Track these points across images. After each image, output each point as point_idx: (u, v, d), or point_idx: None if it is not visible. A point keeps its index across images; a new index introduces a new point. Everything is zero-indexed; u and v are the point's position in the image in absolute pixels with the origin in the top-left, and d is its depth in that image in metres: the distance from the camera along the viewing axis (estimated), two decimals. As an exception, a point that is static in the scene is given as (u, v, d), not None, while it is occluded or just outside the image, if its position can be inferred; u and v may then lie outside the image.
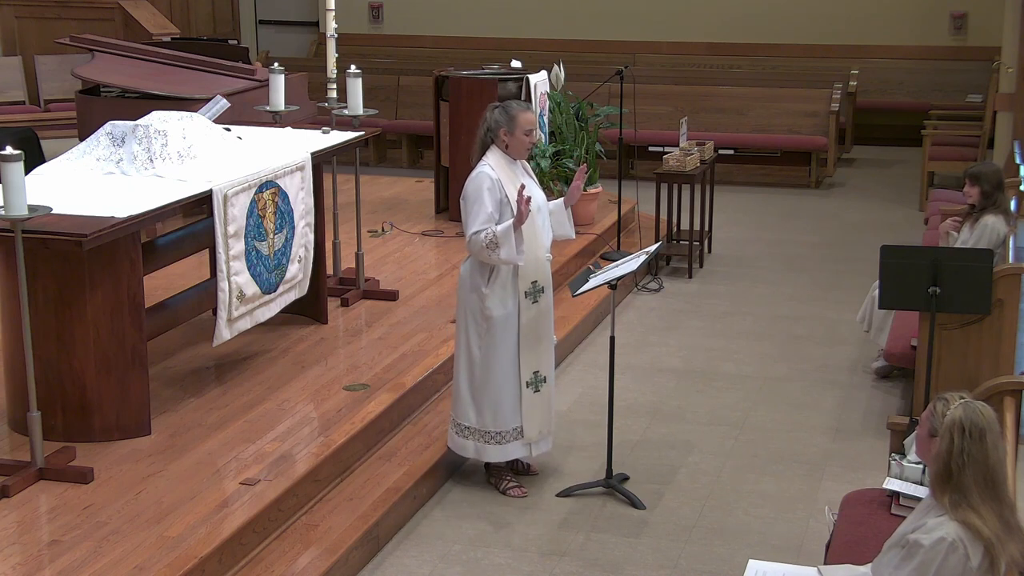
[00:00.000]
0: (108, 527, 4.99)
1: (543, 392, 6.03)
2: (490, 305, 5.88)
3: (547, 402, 6.07)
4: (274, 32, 16.88)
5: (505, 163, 5.89)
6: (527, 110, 5.92)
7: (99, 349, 5.70)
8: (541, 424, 6.06)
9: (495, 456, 6.03)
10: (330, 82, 7.97)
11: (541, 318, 5.99)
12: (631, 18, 15.35)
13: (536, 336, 5.98)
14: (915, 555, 3.69)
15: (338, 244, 8.19)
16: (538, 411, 6.02)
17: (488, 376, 5.95)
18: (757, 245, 10.75)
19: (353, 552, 5.31)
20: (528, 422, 5.99)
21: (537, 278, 5.93)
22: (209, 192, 6.00)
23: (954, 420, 3.68)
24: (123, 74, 9.51)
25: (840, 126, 13.50)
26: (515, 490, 6.10)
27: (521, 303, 5.91)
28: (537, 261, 5.93)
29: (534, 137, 5.92)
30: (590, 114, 10.28)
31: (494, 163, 5.86)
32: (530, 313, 5.94)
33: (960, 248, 7.00)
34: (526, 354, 5.95)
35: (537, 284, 5.94)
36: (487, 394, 5.95)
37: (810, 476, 6.35)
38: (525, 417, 5.98)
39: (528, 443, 6.03)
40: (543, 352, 6.03)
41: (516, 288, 5.89)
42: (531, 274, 5.91)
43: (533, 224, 5.87)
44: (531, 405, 5.99)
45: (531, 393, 5.98)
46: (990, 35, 13.81)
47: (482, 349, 5.93)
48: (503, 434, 5.98)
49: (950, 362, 6.56)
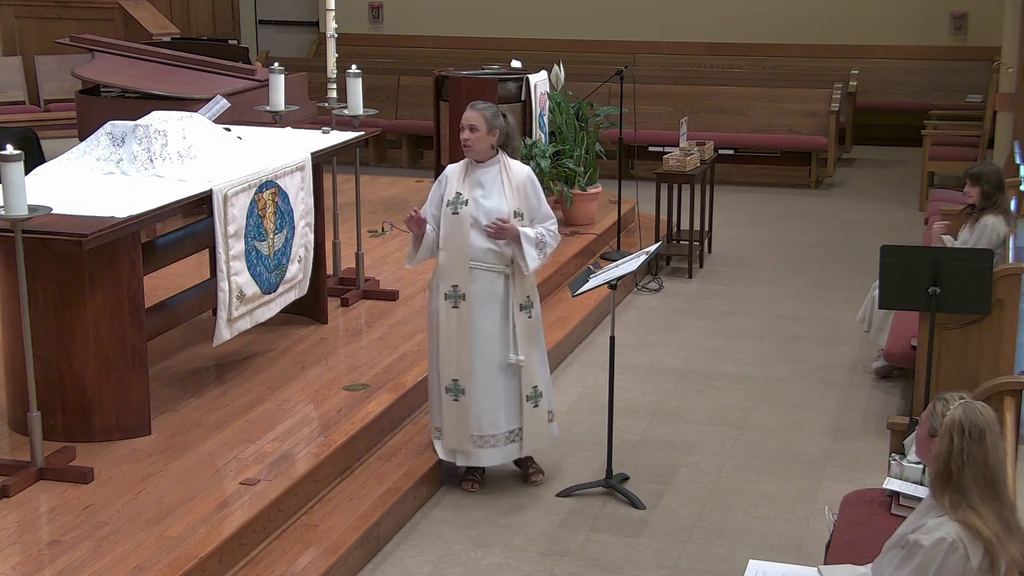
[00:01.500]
0: (108, 527, 4.99)
1: (461, 403, 5.91)
2: (429, 298, 6.02)
3: (463, 415, 5.91)
4: (274, 32, 16.88)
5: (468, 163, 5.94)
6: (470, 107, 5.95)
7: (99, 349, 5.70)
8: (458, 435, 5.95)
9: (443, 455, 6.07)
10: (330, 82, 7.97)
11: (462, 326, 5.86)
12: (631, 18, 15.35)
13: (456, 343, 5.87)
14: (915, 555, 3.69)
15: (338, 244, 8.19)
16: (454, 420, 5.95)
17: (430, 372, 6.07)
18: (757, 245, 10.75)
19: (353, 552, 5.31)
20: (446, 428, 5.99)
21: (457, 283, 5.83)
22: (209, 192, 6.00)
23: (954, 420, 3.68)
24: (123, 74, 9.51)
25: (840, 126, 13.50)
26: (466, 483, 6.12)
27: (440, 305, 5.89)
28: (458, 265, 5.83)
29: (464, 135, 5.89)
30: (590, 114, 10.28)
31: (461, 162, 5.96)
32: (448, 317, 5.87)
33: (960, 248, 7.00)
34: (444, 358, 5.92)
35: (458, 289, 5.83)
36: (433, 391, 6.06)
37: (810, 476, 6.35)
38: (444, 421, 5.99)
39: (448, 449, 6.00)
40: (463, 362, 5.87)
41: (438, 288, 5.91)
42: (451, 277, 5.85)
43: (457, 228, 5.82)
44: (449, 411, 5.96)
45: (450, 399, 5.95)
46: (990, 35, 13.81)
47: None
48: (434, 429, 6.07)
49: (950, 362, 6.56)
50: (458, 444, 5.97)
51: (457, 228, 5.83)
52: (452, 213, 5.83)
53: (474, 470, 6.15)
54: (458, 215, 5.81)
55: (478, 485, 6.12)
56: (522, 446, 6.05)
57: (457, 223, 5.82)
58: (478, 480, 6.14)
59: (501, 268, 5.86)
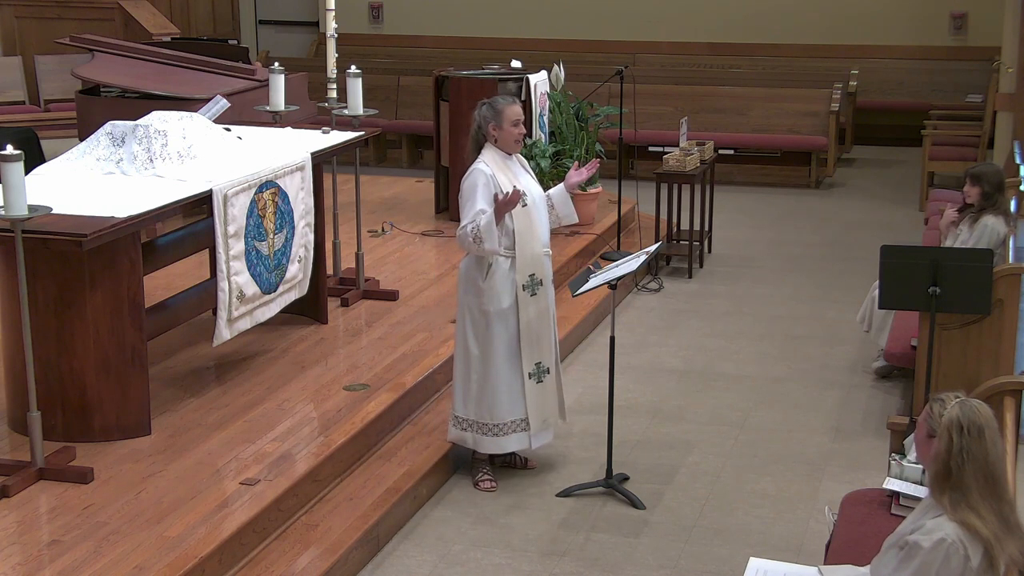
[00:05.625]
0: (108, 527, 4.99)
1: (546, 383, 6.12)
2: (487, 300, 5.96)
3: (551, 392, 6.17)
4: (274, 32, 16.88)
5: (500, 158, 5.97)
6: (513, 103, 5.99)
7: (99, 349, 5.70)
8: (546, 413, 6.15)
9: (492, 448, 6.10)
10: (330, 82, 7.97)
11: (541, 311, 6.06)
12: (631, 18, 15.35)
13: (537, 329, 6.05)
14: (915, 556, 3.68)
15: (338, 244, 8.19)
16: (541, 401, 6.12)
17: (487, 370, 6.01)
18: (757, 245, 10.75)
19: (353, 552, 5.31)
20: (533, 412, 6.08)
21: (535, 271, 6.01)
22: (209, 192, 6.01)
23: (952, 419, 3.68)
24: (123, 74, 9.51)
25: (840, 126, 13.49)
26: (486, 483, 6.15)
27: (519, 296, 5.97)
28: (534, 255, 6.00)
29: (522, 128, 5.98)
30: (590, 114, 10.28)
31: (488, 159, 5.95)
32: (529, 306, 6.00)
33: (960, 248, 7.00)
34: (527, 347, 6.02)
35: (535, 277, 6.01)
36: (486, 388, 6.02)
37: (810, 476, 6.35)
38: (530, 408, 6.07)
39: (528, 435, 6.09)
40: (544, 344, 6.09)
41: (514, 282, 5.96)
42: (528, 267, 5.98)
43: (529, 219, 5.96)
44: (535, 396, 6.08)
45: (534, 384, 6.07)
46: (990, 35, 13.80)
47: (480, 344, 6.00)
48: (500, 427, 6.04)
49: (950, 362, 6.56)
50: (544, 423, 6.14)
51: (528, 220, 5.98)
52: (522, 207, 5.94)
53: (490, 469, 6.18)
54: (527, 207, 5.96)
55: (495, 484, 6.15)
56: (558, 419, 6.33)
57: (527, 215, 5.97)
58: (495, 479, 6.18)
59: (549, 249, 6.14)
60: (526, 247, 5.96)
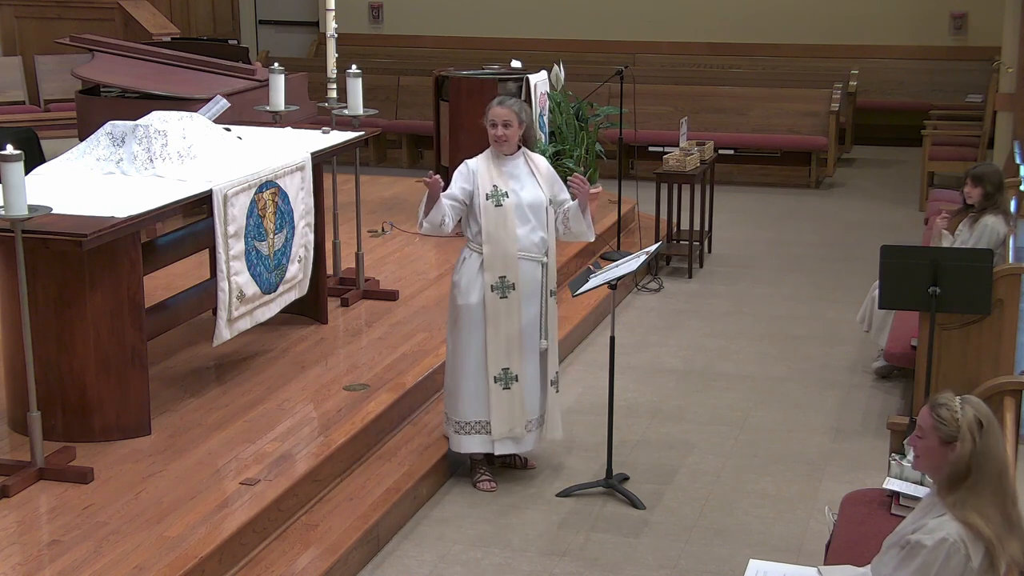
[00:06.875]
0: (108, 527, 4.99)
1: (513, 390, 6.00)
2: (456, 294, 6.00)
3: (518, 401, 6.02)
4: (274, 32, 16.88)
5: (493, 156, 5.98)
6: (498, 104, 5.97)
7: (99, 349, 5.69)
8: (510, 422, 6.03)
9: (454, 446, 6.10)
10: (330, 82, 7.97)
11: (511, 315, 5.95)
12: (631, 18, 15.35)
13: (505, 332, 5.96)
14: (917, 556, 3.68)
15: (338, 244, 8.19)
16: (506, 408, 6.01)
17: (456, 365, 6.04)
18: (757, 245, 10.75)
19: (353, 552, 5.31)
20: (495, 418, 6.00)
21: (506, 274, 5.93)
22: (209, 192, 6.00)
23: (971, 420, 3.66)
24: (123, 74, 9.51)
25: (840, 126, 13.49)
26: (485, 483, 6.14)
27: (487, 296, 5.93)
28: (506, 256, 5.91)
29: (500, 131, 5.91)
30: (590, 114, 10.27)
31: (483, 156, 5.99)
32: (497, 307, 5.93)
33: (960, 248, 7.00)
34: (493, 349, 5.95)
35: (506, 280, 5.93)
36: (455, 383, 6.05)
37: (810, 476, 6.35)
38: (492, 413, 6.00)
39: (491, 439, 6.04)
40: (513, 350, 5.98)
41: (482, 280, 5.93)
42: (499, 268, 5.92)
43: (503, 219, 5.90)
44: (498, 401, 6.00)
45: (499, 389, 5.99)
46: (990, 35, 13.79)
47: (452, 337, 6.06)
48: (462, 425, 6.05)
49: (950, 362, 6.56)
50: (510, 432, 6.03)
51: (502, 220, 5.91)
52: (495, 206, 5.89)
53: (488, 470, 6.18)
54: (501, 207, 5.90)
55: (495, 484, 6.14)
56: (543, 433, 6.18)
57: (501, 215, 5.90)
58: (494, 479, 6.16)
59: (540, 257, 6.01)
60: (497, 246, 5.89)
